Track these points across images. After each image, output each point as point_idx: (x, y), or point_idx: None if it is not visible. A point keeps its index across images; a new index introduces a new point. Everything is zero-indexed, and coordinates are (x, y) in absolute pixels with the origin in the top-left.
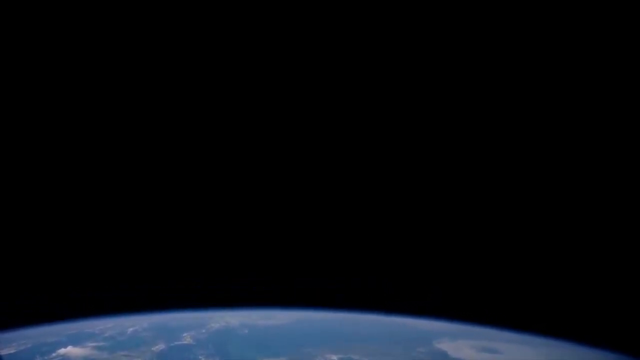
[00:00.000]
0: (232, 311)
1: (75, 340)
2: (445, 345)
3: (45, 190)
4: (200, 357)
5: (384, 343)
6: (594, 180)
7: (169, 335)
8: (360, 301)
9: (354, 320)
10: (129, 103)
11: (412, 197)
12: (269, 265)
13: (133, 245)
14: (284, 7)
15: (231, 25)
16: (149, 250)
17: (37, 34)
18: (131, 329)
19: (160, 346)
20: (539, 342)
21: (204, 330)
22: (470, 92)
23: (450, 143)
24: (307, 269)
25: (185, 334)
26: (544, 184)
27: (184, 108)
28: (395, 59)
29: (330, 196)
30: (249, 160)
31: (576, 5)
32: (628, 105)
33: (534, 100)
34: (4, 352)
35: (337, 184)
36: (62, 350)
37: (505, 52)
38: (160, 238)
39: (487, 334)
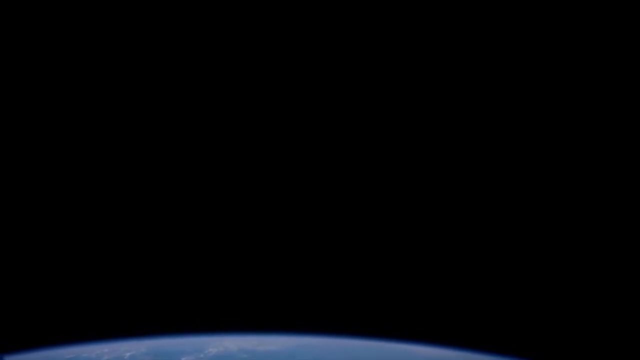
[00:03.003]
0: (230, 336)
1: None
2: None
3: (40, 204)
4: None
5: None
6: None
7: None
8: (360, 326)
9: (354, 346)
10: (129, 103)
11: (413, 209)
12: (269, 288)
13: (131, 266)
14: (284, 7)
15: (231, 25)
16: (146, 271)
17: (37, 33)
18: (129, 354)
19: None
20: None
21: (202, 355)
22: (470, 92)
23: (454, 148)
24: (308, 293)
25: (183, 359)
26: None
27: (184, 109)
28: (395, 59)
29: (330, 212)
30: (250, 175)
31: (576, 5)
32: (628, 105)
33: (534, 101)
34: None
35: (337, 206)
36: None
37: (505, 52)
38: (158, 260)
39: None
